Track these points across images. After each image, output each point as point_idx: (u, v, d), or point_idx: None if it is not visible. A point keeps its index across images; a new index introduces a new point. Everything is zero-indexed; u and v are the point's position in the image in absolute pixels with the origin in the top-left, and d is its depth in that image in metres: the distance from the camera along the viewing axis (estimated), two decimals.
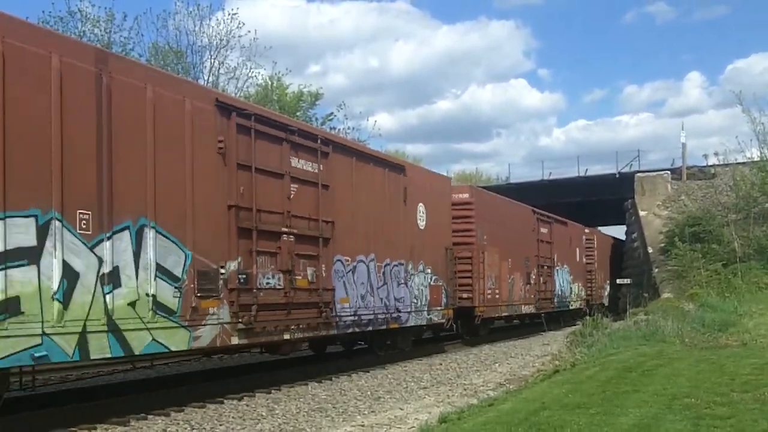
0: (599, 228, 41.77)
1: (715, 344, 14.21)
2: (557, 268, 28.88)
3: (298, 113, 35.32)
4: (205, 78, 32.22)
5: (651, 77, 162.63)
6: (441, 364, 16.30)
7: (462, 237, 20.27)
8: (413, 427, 8.97)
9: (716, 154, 36.36)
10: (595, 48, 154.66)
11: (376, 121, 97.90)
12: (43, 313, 8.00)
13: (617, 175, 41.15)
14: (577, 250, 32.69)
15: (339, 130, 36.89)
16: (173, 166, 9.93)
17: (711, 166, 36.91)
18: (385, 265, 15.66)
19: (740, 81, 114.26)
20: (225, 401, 10.92)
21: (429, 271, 17.73)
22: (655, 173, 37.34)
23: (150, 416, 9.70)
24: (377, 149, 19.16)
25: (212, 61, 32.40)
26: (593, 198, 41.54)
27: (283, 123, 12.58)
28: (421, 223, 17.45)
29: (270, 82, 35.17)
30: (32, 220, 7.96)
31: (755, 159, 32.31)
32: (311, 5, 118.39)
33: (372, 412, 10.43)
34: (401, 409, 10.57)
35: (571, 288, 31.15)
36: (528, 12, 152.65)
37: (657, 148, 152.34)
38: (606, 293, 38.06)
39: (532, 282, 25.75)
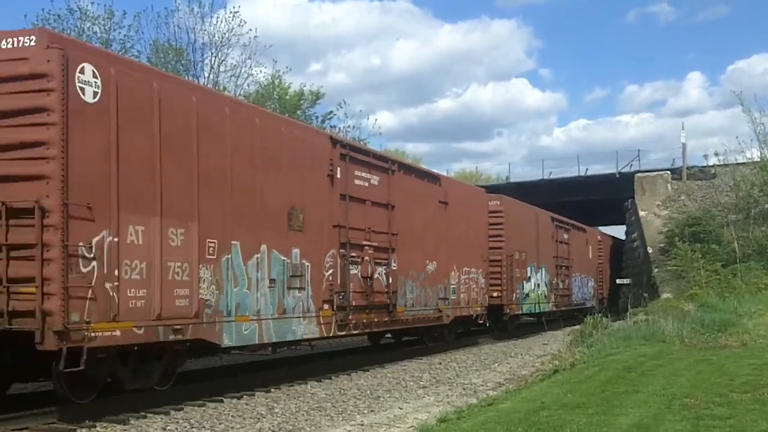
0: (599, 228, 41.95)
1: (714, 344, 14.22)
2: None
3: (298, 112, 35.26)
4: (206, 76, 32.17)
5: (652, 77, 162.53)
6: (440, 364, 16.30)
7: (598, 261, 38.36)
8: (412, 426, 8.97)
9: (716, 154, 36.21)
10: (596, 47, 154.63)
11: (376, 120, 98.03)
12: (530, 298, 25.54)
13: (617, 175, 41.11)
14: None
15: (339, 128, 36.86)
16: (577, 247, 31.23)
17: (711, 166, 36.84)
18: (581, 277, 33.93)
19: (741, 81, 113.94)
20: (224, 400, 10.91)
21: (593, 279, 36.62)
22: (655, 173, 37.30)
23: (149, 414, 9.69)
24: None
25: (212, 59, 32.32)
26: (593, 197, 41.52)
27: (562, 219, 30.57)
28: (590, 255, 36.04)
29: (272, 81, 35.09)
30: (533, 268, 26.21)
31: (755, 159, 32.27)
32: (312, 4, 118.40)
33: (371, 411, 10.43)
34: (400, 409, 10.57)
35: None
36: (530, 11, 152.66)
37: (657, 148, 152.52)
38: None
39: None
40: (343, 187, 13.94)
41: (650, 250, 32.82)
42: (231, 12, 33.30)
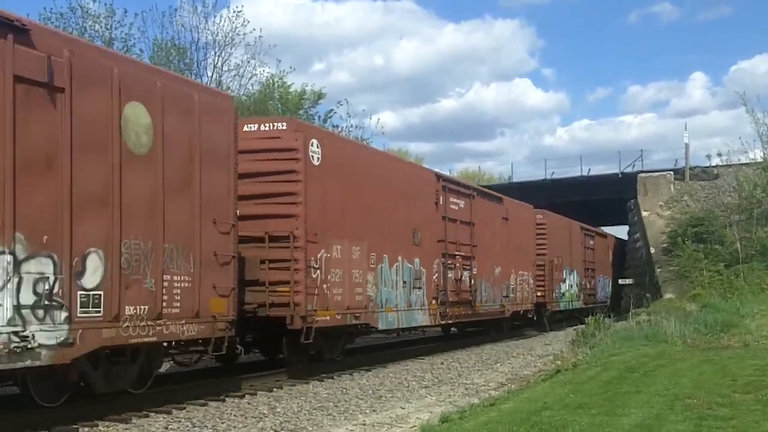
0: (602, 228, 41.97)
1: (717, 345, 14.22)
2: None
3: (300, 111, 35.24)
4: (209, 75, 32.18)
5: (655, 77, 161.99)
6: (442, 364, 16.30)
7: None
8: (414, 426, 8.97)
9: (719, 154, 36.28)
10: (599, 48, 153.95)
11: (379, 119, 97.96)
12: (565, 297, 29.73)
13: (620, 175, 41.09)
14: None
15: (341, 128, 36.84)
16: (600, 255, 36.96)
17: (714, 166, 36.83)
18: (603, 278, 37.39)
19: (744, 82, 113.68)
20: (226, 399, 10.91)
21: (607, 278, 38.87)
22: (657, 173, 37.27)
23: (152, 414, 9.70)
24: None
25: (216, 58, 32.30)
26: (596, 198, 41.50)
27: (588, 228, 34.21)
28: (610, 258, 39.98)
29: (272, 81, 35.06)
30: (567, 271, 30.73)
31: (758, 160, 32.30)
32: (316, 3, 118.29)
33: (373, 410, 10.43)
34: (403, 408, 10.57)
35: None
36: (533, 11, 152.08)
37: (660, 148, 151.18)
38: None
39: None
40: (443, 211, 18.39)
41: (653, 251, 32.80)
42: (234, 11, 33.28)
